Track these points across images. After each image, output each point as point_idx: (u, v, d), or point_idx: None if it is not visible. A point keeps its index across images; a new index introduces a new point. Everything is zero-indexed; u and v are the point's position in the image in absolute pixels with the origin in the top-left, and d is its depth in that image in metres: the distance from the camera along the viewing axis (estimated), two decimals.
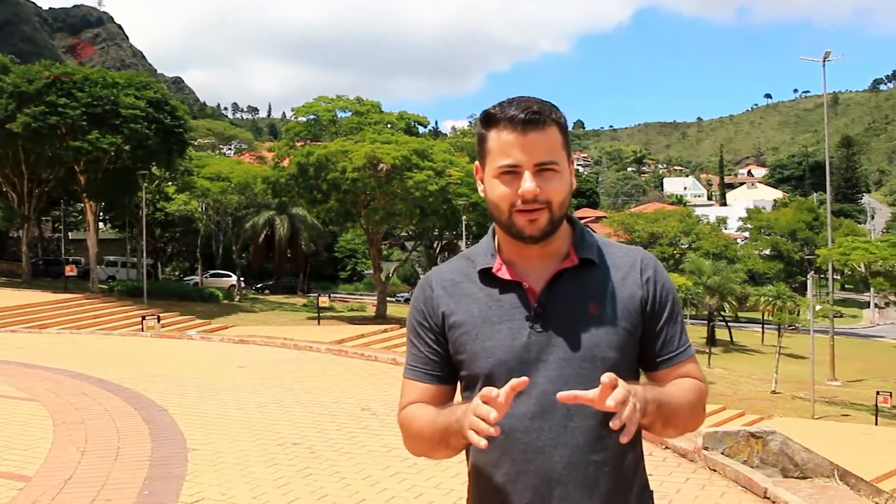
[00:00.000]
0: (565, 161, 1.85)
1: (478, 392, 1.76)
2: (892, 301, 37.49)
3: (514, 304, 1.88)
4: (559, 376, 1.81)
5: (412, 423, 1.93)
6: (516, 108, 1.81)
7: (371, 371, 13.64)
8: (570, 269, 1.88)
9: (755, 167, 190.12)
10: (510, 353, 1.84)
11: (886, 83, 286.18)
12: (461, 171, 44.58)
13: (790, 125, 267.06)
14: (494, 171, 1.83)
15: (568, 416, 1.81)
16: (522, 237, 1.84)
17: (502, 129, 1.82)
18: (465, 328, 1.89)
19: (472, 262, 1.96)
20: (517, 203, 1.81)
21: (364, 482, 6.64)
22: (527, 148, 1.80)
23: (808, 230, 73.51)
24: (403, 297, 67.38)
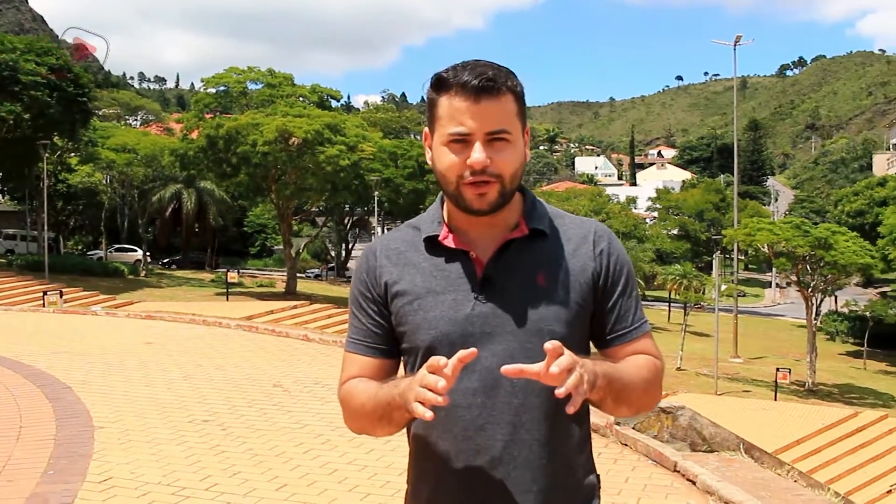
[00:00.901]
0: (519, 131, 1.77)
1: (419, 366, 1.72)
2: (792, 281, 38.57)
3: (460, 274, 1.81)
4: (504, 350, 1.75)
5: (353, 399, 1.86)
6: (470, 72, 1.71)
7: (282, 347, 13.52)
8: (518, 239, 1.81)
9: (665, 148, 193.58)
10: (453, 324, 1.78)
11: (793, 69, 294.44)
12: (374, 147, 44.38)
13: (700, 107, 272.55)
14: (443, 139, 1.74)
15: (512, 392, 1.75)
16: (471, 210, 1.76)
17: (454, 95, 1.72)
18: (408, 298, 1.82)
19: (418, 231, 1.88)
20: (465, 174, 1.72)
21: (277, 459, 6.57)
22: (478, 116, 1.70)
23: (715, 211, 75.25)
24: (313, 273, 66.98)
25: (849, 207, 58.94)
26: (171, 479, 5.93)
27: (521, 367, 1.56)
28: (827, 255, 36.24)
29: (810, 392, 35.41)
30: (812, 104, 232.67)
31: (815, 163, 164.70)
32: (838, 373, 41.02)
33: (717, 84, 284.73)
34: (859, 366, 44.56)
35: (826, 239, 36.42)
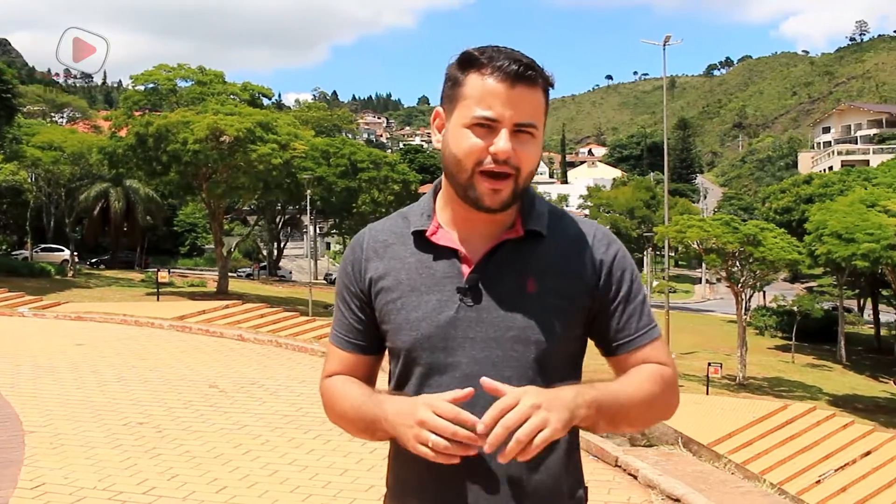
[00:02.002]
0: (542, 127, 1.68)
1: (401, 369, 1.71)
2: (722, 277, 39.27)
3: (447, 273, 1.70)
4: (486, 358, 1.66)
5: (335, 401, 1.79)
6: (505, 56, 1.61)
7: (216, 347, 13.35)
8: (513, 240, 1.70)
9: (596, 146, 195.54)
10: (435, 327, 1.68)
11: (720, 69, 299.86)
12: (306, 145, 44.12)
13: (630, 106, 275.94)
14: (466, 120, 1.61)
15: (494, 400, 1.60)
16: (479, 205, 1.64)
17: (487, 76, 1.60)
18: (391, 296, 1.73)
19: (407, 222, 1.78)
20: (485, 161, 1.60)
21: (216, 461, 6.47)
22: (511, 103, 1.59)
23: (646, 208, 76.21)
24: (245, 272, 66.34)
25: (776, 204, 60.11)
26: (107, 484, 5.81)
27: (498, 387, 1.51)
28: (756, 251, 36.92)
29: (741, 386, 36.08)
30: (739, 103, 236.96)
31: (742, 161, 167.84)
32: (767, 366, 41.88)
33: (646, 83, 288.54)
34: (788, 359, 45.44)
35: (755, 235, 37.10)
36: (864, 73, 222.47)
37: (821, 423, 25.33)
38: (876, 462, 24.07)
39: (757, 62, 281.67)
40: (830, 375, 42.36)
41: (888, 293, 50.30)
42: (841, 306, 49.73)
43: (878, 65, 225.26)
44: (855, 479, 22.92)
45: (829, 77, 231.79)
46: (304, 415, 8.01)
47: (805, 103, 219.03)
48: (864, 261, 35.48)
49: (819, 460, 23.18)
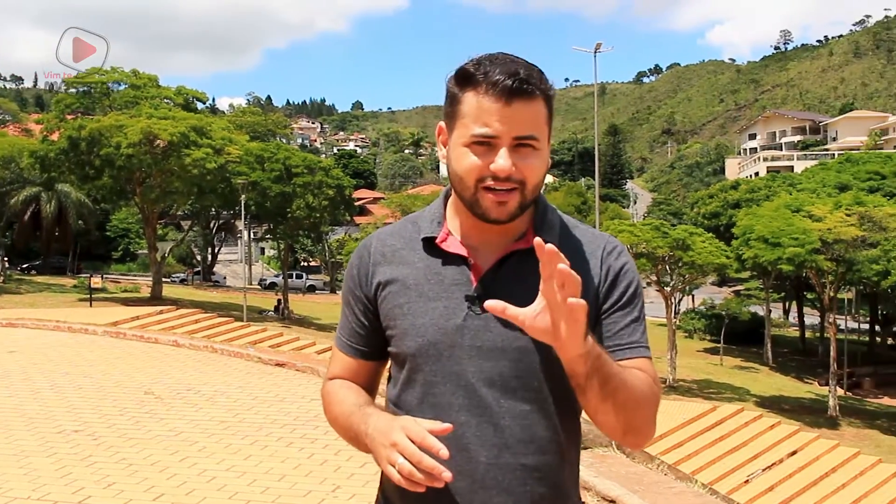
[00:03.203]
0: (546, 137, 1.65)
1: (407, 374, 1.71)
2: (652, 281, 39.82)
3: (456, 280, 1.69)
4: (492, 367, 1.64)
5: (331, 406, 1.81)
6: (501, 70, 1.58)
7: (152, 354, 13.17)
8: (523, 250, 1.66)
9: None
10: (442, 334, 1.66)
11: (649, 76, 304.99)
12: (240, 150, 43.68)
13: (561, 112, 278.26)
14: (465, 139, 1.60)
15: (499, 412, 1.63)
16: (487, 219, 1.63)
17: (482, 94, 1.58)
18: (399, 301, 1.72)
19: (416, 228, 1.77)
20: (486, 179, 1.59)
21: (152, 468, 6.41)
22: (508, 119, 1.57)
23: (577, 213, 76.85)
24: (179, 277, 65.57)
25: (704, 209, 61.07)
26: (42, 493, 5.73)
27: (507, 308, 1.43)
28: (685, 255, 37.50)
29: (671, 388, 36.45)
30: (668, 110, 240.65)
31: (671, 166, 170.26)
32: (697, 369, 42.49)
33: (577, 90, 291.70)
34: (716, 362, 46.14)
35: (684, 240, 37.66)
36: (789, 81, 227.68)
37: (749, 423, 25.84)
38: (801, 461, 24.64)
39: (685, 70, 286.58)
40: (758, 377, 43.14)
41: (812, 296, 51.43)
42: (767, 309, 50.71)
43: (801, 73, 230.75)
44: (782, 479, 23.44)
45: (755, 85, 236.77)
46: (240, 421, 7.97)
47: (732, 110, 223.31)
48: (789, 265, 36.23)
49: (747, 460, 23.65)
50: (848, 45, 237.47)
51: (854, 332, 54.41)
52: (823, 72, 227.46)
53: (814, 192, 48.93)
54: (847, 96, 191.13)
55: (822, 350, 49.38)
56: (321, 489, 5.76)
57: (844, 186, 50.17)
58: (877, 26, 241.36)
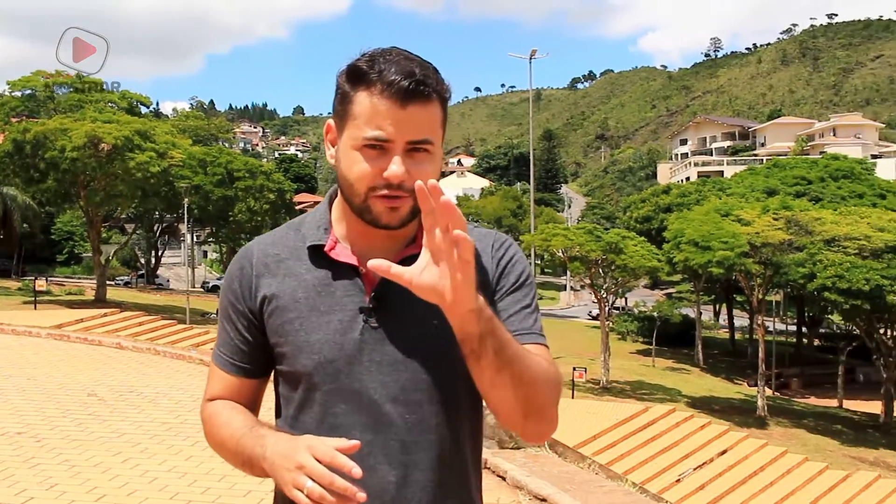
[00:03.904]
0: (440, 140, 1.56)
1: (302, 394, 1.59)
2: (586, 284, 40.22)
3: (348, 291, 1.58)
4: (394, 381, 1.55)
5: (215, 430, 1.66)
6: (397, 70, 1.48)
7: (95, 356, 13.10)
8: (415, 255, 1.46)
9: (465, 157, 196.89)
10: (338, 350, 1.56)
11: (583, 82, 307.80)
12: (183, 154, 43.40)
13: (497, 118, 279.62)
14: (356, 142, 1.50)
15: (405, 428, 1.55)
16: (378, 225, 1.54)
17: (375, 94, 1.48)
18: (288, 317, 1.59)
19: (301, 236, 1.65)
20: (378, 186, 1.50)
21: (95, 469, 6.40)
22: (402, 123, 1.48)
23: (513, 217, 77.31)
24: (123, 280, 64.73)
25: (636, 213, 61.63)
26: None
27: (390, 265, 1.36)
28: (618, 258, 37.84)
29: (605, 389, 36.80)
30: (601, 116, 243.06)
31: (604, 171, 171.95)
32: (630, 370, 42.88)
33: (513, 95, 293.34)
34: (649, 363, 46.66)
35: (617, 243, 38.00)
36: (719, 88, 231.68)
37: (680, 423, 26.16)
38: (731, 460, 25.07)
39: (618, 76, 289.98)
40: (689, 378, 43.74)
41: (742, 299, 52.31)
42: (698, 311, 51.45)
43: (730, 80, 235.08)
44: (712, 477, 23.82)
45: (686, 91, 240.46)
46: (182, 422, 8.01)
47: (664, 116, 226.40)
48: (719, 268, 36.79)
49: (679, 459, 23.98)
50: (775, 53, 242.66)
51: (782, 334, 55.55)
52: (752, 79, 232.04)
53: (743, 197, 49.76)
54: (775, 103, 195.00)
55: (751, 351, 50.24)
56: (261, 489, 5.80)
57: (772, 191, 51.11)
58: (803, 35, 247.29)
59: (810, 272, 35.97)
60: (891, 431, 32.44)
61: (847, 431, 35.53)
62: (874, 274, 34.25)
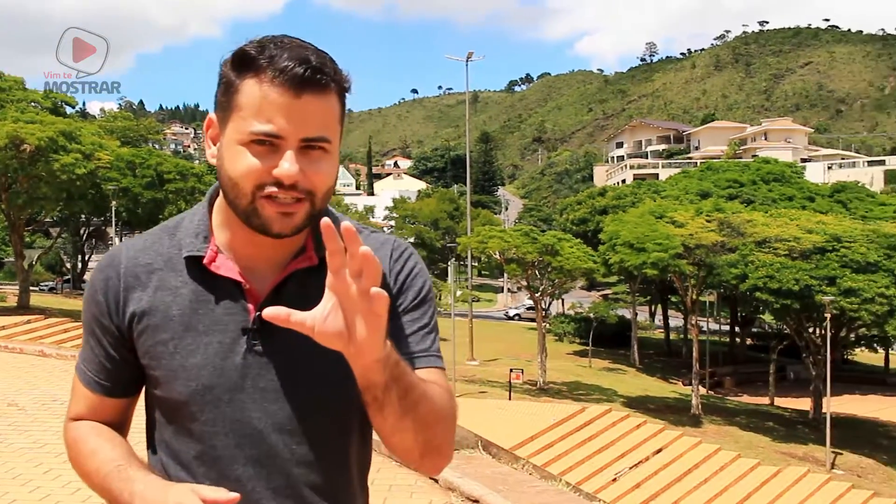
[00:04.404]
0: (338, 138, 1.40)
1: (176, 422, 1.43)
2: (523, 286, 40.43)
3: (230, 310, 1.41)
4: (281, 409, 1.40)
5: (81, 459, 1.50)
6: (290, 56, 1.32)
7: (16, 364, 12.77)
8: (305, 269, 1.42)
9: (401, 159, 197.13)
10: (218, 376, 1.40)
11: (521, 85, 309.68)
12: (111, 155, 42.58)
13: (434, 120, 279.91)
14: (242, 136, 1.33)
15: (291, 460, 1.41)
16: (267, 232, 1.36)
17: (265, 82, 1.31)
18: (161, 336, 1.42)
19: (176, 243, 1.46)
20: (267, 186, 1.33)
21: (14, 481, 6.21)
22: (296, 115, 1.31)
23: (450, 219, 77.41)
24: (48, 285, 63.53)
25: (573, 216, 62.20)
26: None
27: (290, 313, 1.20)
28: (554, 260, 38.12)
29: (542, 390, 36.98)
30: (538, 118, 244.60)
31: (541, 174, 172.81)
32: (567, 371, 43.10)
33: (450, 97, 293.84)
34: (585, 364, 47.01)
35: (553, 245, 38.28)
36: (654, 92, 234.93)
37: (616, 423, 26.44)
38: (666, 458, 25.41)
39: (555, 79, 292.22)
40: (625, 378, 44.20)
41: (677, 299, 53.02)
42: (634, 312, 52.04)
43: (665, 84, 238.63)
44: (648, 476, 24.12)
45: (622, 95, 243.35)
46: None
47: (600, 119, 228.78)
48: (653, 269, 37.26)
49: (615, 459, 24.23)
50: (709, 58, 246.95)
51: (716, 334, 56.34)
52: (687, 83, 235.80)
53: (677, 199, 50.52)
54: (708, 107, 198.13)
55: (685, 351, 50.96)
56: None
57: (705, 193, 51.96)
58: (736, 41, 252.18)
59: (742, 273, 36.60)
60: (819, 427, 33.07)
61: (778, 428, 36.19)
62: (803, 274, 34.99)
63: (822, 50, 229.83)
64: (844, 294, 34.09)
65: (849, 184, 57.15)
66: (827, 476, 28.29)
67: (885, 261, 35.80)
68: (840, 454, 32.35)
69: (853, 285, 34.23)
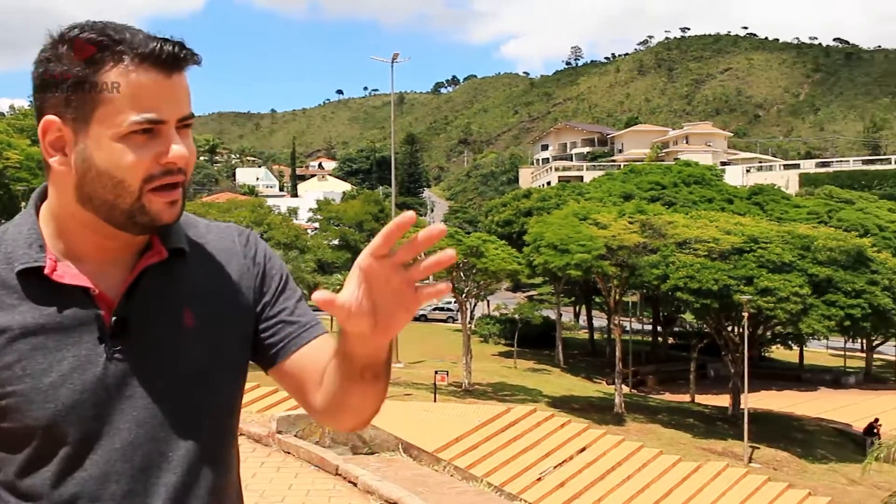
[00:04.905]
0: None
1: (37, 455, 1.29)
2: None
3: (80, 319, 1.30)
4: (153, 416, 1.31)
5: None
6: (146, 37, 1.26)
7: None
8: (156, 264, 1.34)
9: (326, 160, 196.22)
10: (80, 392, 1.28)
11: (447, 87, 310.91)
12: (21, 155, 41.52)
13: (360, 121, 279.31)
14: (119, 130, 1.24)
15: (167, 468, 1.32)
16: (152, 228, 1.31)
17: (134, 68, 1.24)
18: (6, 360, 1.28)
19: (3, 258, 1.32)
20: (157, 175, 1.26)
21: None
22: (172, 96, 1.27)
23: (375, 221, 77.19)
24: None
25: (498, 217, 62.41)
26: None
27: (334, 298, 1.16)
28: (479, 262, 38.20)
29: (467, 392, 37.02)
30: (464, 120, 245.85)
31: (467, 175, 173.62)
32: (492, 372, 43.15)
33: (376, 99, 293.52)
34: (510, 365, 47.05)
35: (478, 247, 38.34)
36: (579, 95, 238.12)
37: (541, 423, 26.60)
38: (590, 457, 25.64)
39: (481, 81, 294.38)
40: (549, 378, 44.43)
41: (600, 300, 53.60)
42: (558, 313, 52.45)
43: (590, 88, 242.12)
44: (572, 474, 24.31)
45: (548, 98, 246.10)
46: None
47: (525, 122, 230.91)
48: (577, 270, 37.64)
49: (540, 458, 24.37)
50: (633, 63, 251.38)
51: (638, 333, 57.19)
52: (611, 87, 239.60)
53: (600, 201, 51.09)
54: (632, 111, 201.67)
55: (609, 351, 51.35)
56: None
57: (628, 196, 52.67)
58: (658, 46, 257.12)
59: (664, 273, 37.18)
60: (738, 423, 33.76)
61: (699, 424, 36.84)
62: (722, 274, 35.72)
63: (740, 57, 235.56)
64: (761, 293, 34.89)
65: (766, 187, 58.53)
66: (745, 470, 28.87)
67: (799, 261, 36.76)
68: (757, 448, 33.10)
69: (769, 285, 35.05)
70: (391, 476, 6.51)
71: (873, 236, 44.99)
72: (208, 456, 1.36)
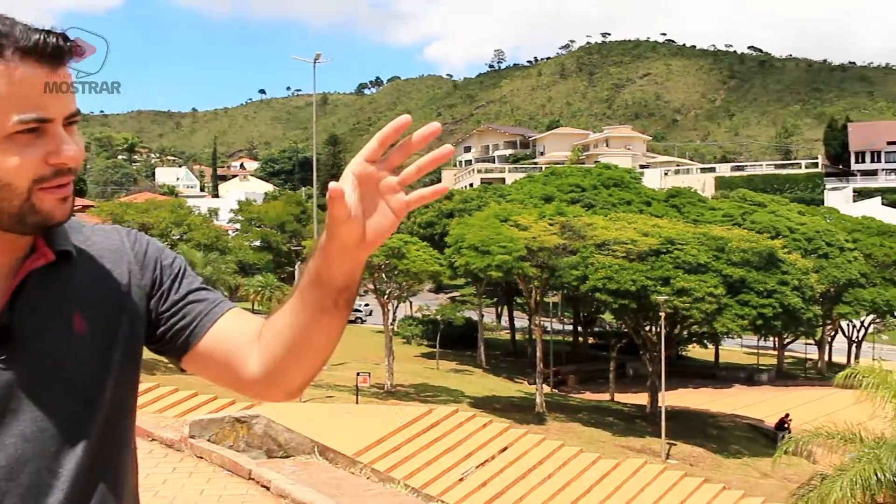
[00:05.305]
0: None
1: None
2: (370, 289, 40.42)
3: None
4: (41, 430, 1.22)
5: None
6: (26, 28, 1.17)
7: None
8: (42, 268, 1.26)
9: (248, 160, 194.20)
10: None
11: (370, 88, 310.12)
12: None
13: (282, 121, 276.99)
14: (2, 133, 1.15)
15: (60, 486, 1.24)
16: (44, 227, 1.24)
17: (15, 64, 1.15)
18: None
19: None
20: (47, 176, 1.19)
21: None
22: (59, 91, 1.18)
23: (296, 222, 76.58)
24: None
25: (420, 219, 62.41)
26: None
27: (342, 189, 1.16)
28: (400, 263, 38.20)
29: (389, 393, 37.14)
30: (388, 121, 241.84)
31: None
32: (414, 373, 43.31)
33: (299, 99, 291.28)
34: (433, 366, 47.32)
35: (399, 248, 38.29)
36: (501, 98, 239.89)
37: (463, 423, 26.62)
38: (512, 456, 25.77)
39: (405, 83, 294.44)
40: (472, 379, 44.70)
41: (522, 301, 54.00)
42: (480, 314, 52.71)
43: (513, 90, 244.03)
44: (494, 474, 24.39)
45: (471, 100, 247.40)
46: None
47: (449, 123, 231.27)
48: (498, 271, 37.86)
49: (462, 459, 24.40)
50: (555, 66, 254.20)
51: (559, 334, 57.77)
52: (533, 90, 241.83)
53: (521, 203, 51.44)
54: (554, 114, 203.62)
55: (530, 351, 51.77)
56: None
57: (549, 198, 53.11)
58: (580, 51, 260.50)
59: (583, 274, 37.58)
60: (656, 420, 34.36)
61: (618, 423, 37.36)
62: (640, 275, 36.27)
63: (659, 62, 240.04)
64: (677, 294, 35.53)
65: (683, 189, 59.66)
66: (662, 466, 29.39)
67: (713, 262, 37.52)
68: (674, 445, 33.70)
69: (685, 285, 35.71)
70: (305, 480, 6.51)
71: (784, 238, 46.16)
72: (101, 467, 1.29)
